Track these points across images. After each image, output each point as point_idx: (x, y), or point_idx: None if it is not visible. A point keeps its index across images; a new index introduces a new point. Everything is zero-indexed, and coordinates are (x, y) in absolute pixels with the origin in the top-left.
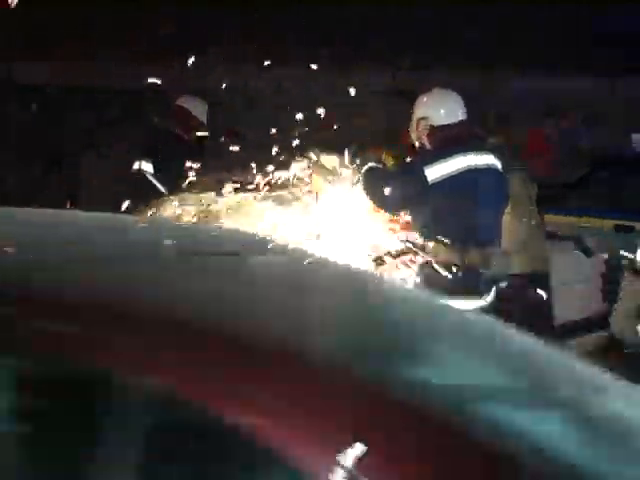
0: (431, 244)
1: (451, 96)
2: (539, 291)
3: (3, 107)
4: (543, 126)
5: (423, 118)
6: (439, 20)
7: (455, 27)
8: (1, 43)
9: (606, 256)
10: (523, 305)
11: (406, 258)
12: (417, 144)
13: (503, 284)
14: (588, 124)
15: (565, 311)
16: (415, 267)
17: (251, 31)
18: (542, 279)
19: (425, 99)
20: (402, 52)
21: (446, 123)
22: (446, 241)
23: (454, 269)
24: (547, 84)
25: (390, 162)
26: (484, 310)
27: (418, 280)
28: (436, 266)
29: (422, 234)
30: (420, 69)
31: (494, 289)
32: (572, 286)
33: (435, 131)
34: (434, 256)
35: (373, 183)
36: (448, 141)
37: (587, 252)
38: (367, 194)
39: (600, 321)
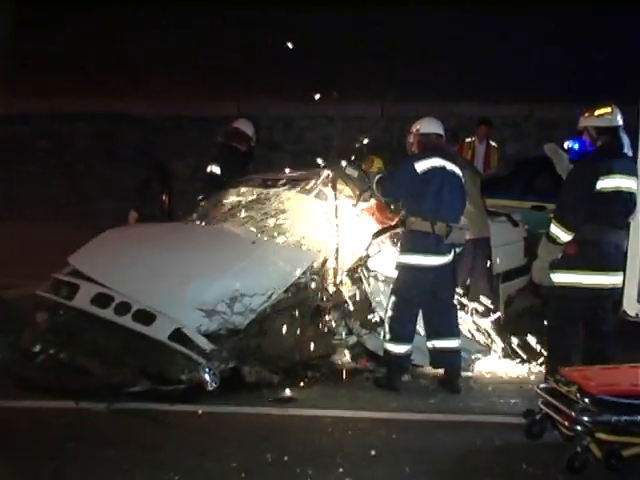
0: (413, 218)
1: (436, 119)
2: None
3: (120, 134)
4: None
5: (417, 129)
6: (415, 66)
7: (425, 72)
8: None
9: (526, 227)
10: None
11: (394, 232)
12: (410, 151)
13: (459, 249)
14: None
15: (499, 264)
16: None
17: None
18: (485, 242)
19: (420, 120)
20: (388, 89)
21: (430, 132)
22: (424, 216)
23: (427, 236)
24: (485, 110)
25: (379, 164)
26: (445, 265)
27: (403, 243)
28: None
29: (407, 211)
30: (402, 102)
31: (452, 251)
32: (504, 247)
33: (422, 137)
34: (414, 226)
35: (380, 180)
36: (430, 144)
37: (514, 224)
38: (376, 188)
39: (522, 271)
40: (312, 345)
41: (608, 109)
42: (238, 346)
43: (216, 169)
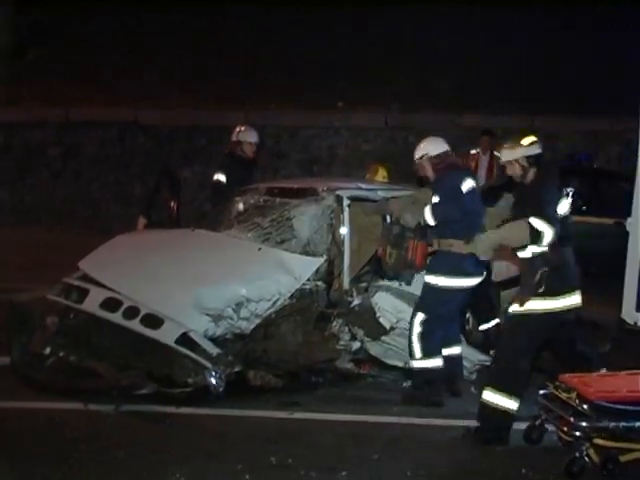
0: (452, 240)
1: (437, 137)
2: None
3: (131, 141)
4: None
5: (425, 154)
6: (418, 77)
7: (431, 81)
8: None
9: None
10: None
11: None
12: (423, 175)
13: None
14: None
15: (498, 273)
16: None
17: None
18: None
19: (424, 144)
20: (392, 99)
21: (441, 152)
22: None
23: (465, 258)
24: (487, 121)
25: (383, 174)
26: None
27: (440, 265)
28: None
29: (447, 233)
30: (406, 112)
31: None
32: None
33: (436, 160)
34: (453, 249)
35: (433, 209)
36: (450, 164)
37: None
38: (431, 217)
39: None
40: (316, 350)
41: (533, 137)
42: (244, 350)
43: (222, 177)
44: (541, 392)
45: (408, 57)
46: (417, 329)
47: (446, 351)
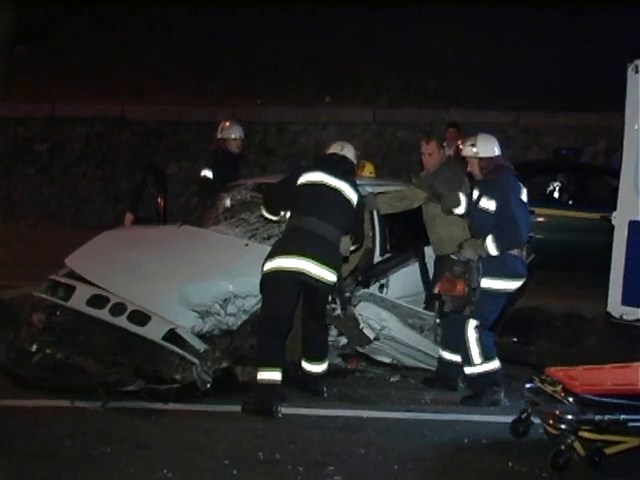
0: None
1: (490, 137)
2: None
3: (117, 137)
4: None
5: (474, 152)
6: (406, 72)
7: (419, 77)
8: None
9: None
10: None
11: None
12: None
13: None
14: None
15: None
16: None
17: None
18: None
19: (470, 142)
20: (380, 94)
21: (492, 156)
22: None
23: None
24: (474, 116)
25: (370, 169)
26: None
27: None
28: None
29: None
30: (393, 107)
31: None
32: None
33: (484, 163)
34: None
35: (502, 238)
36: (499, 168)
37: None
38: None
39: None
40: None
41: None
42: (231, 346)
43: (209, 174)
44: (527, 385)
45: (396, 54)
46: (473, 335)
47: (452, 355)
